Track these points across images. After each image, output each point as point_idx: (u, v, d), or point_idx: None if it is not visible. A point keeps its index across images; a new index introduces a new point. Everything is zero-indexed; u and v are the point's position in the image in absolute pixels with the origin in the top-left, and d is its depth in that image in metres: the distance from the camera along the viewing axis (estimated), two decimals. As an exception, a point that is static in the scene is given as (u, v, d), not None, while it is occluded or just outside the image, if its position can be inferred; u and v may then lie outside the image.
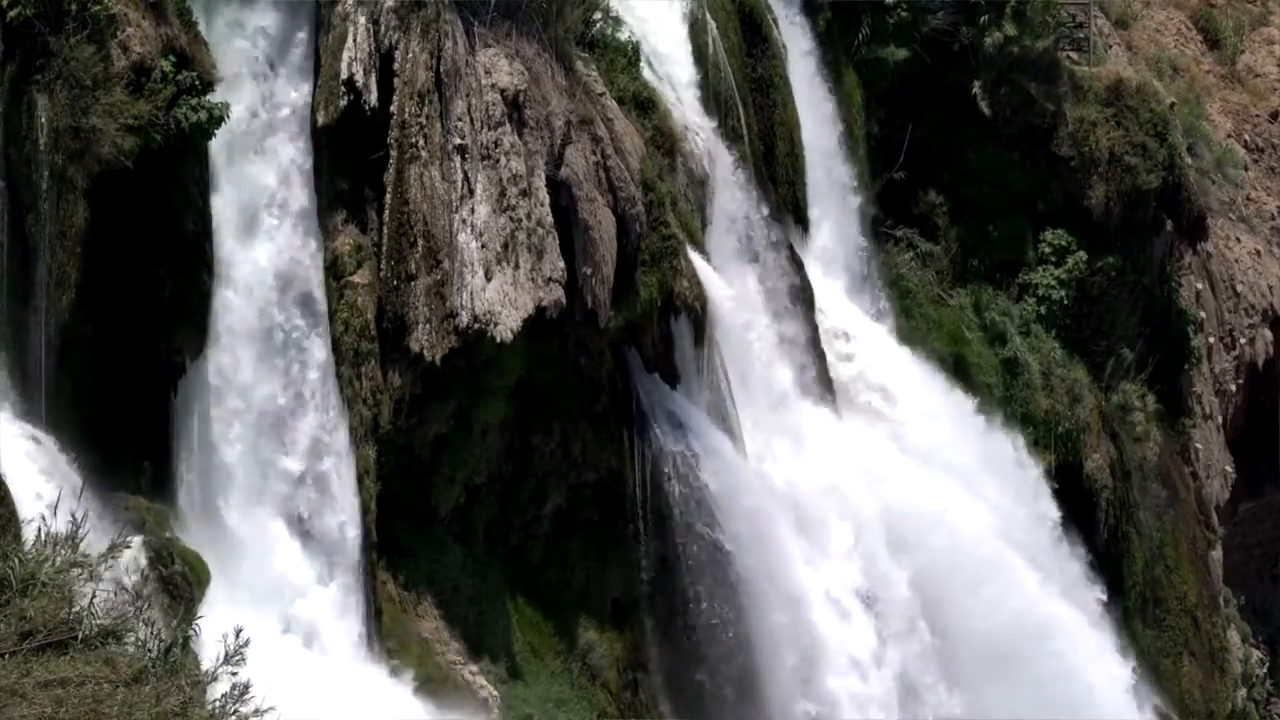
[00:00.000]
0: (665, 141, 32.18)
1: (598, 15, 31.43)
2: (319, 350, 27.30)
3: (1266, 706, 46.69)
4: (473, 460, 29.21)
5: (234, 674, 11.62)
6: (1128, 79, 42.24)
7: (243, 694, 11.67)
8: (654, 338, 30.98)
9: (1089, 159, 41.14)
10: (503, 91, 28.33)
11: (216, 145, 25.67)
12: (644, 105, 31.88)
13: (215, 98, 25.09)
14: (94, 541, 13.53)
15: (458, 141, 27.91)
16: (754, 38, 35.88)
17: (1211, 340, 45.41)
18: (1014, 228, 41.14)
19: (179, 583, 23.70)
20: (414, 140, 27.64)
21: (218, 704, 11.67)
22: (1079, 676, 36.45)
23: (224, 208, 26.28)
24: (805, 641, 31.96)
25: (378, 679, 27.10)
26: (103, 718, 10.96)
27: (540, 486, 30.23)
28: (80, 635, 11.88)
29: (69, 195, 23.79)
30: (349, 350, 27.52)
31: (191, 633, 13.26)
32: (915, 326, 38.89)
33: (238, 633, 11.76)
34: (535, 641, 29.86)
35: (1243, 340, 46.67)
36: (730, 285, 32.47)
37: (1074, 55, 42.62)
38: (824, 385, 35.25)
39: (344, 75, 27.29)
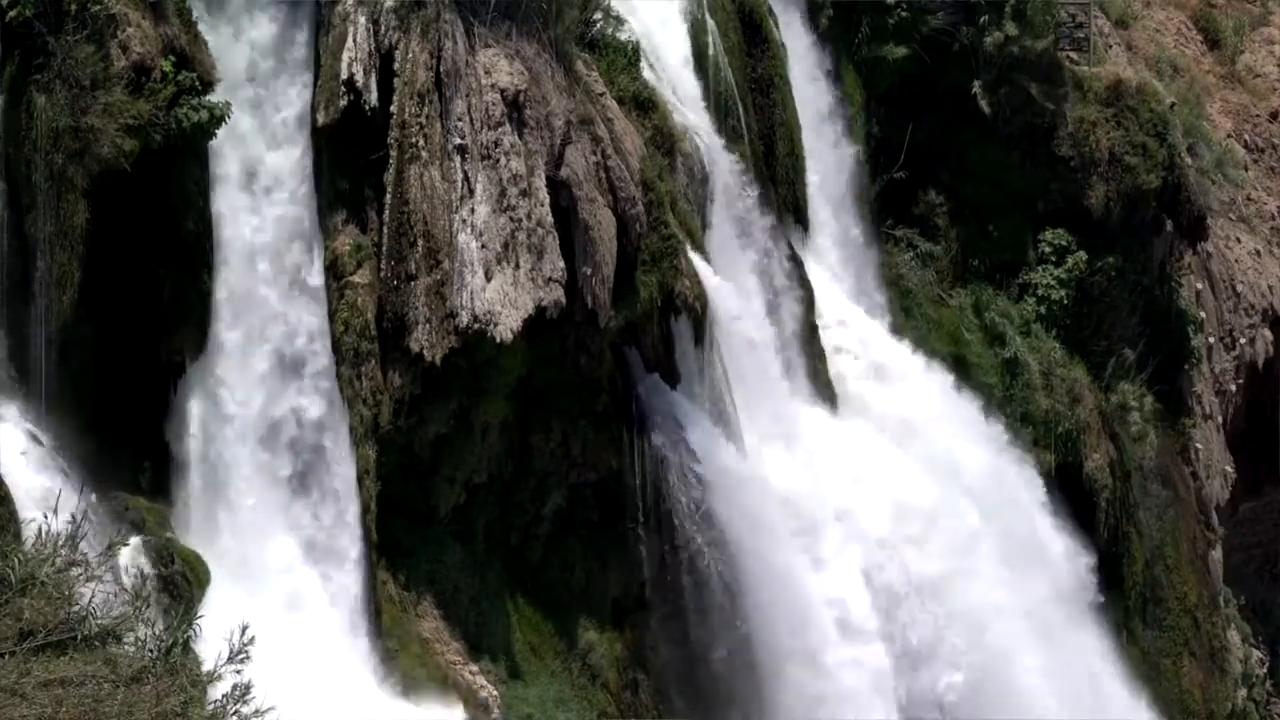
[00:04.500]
0: (665, 141, 32.17)
1: (598, 15, 31.42)
2: None
3: (1266, 706, 46.67)
4: (473, 460, 29.20)
5: (238, 671, 11.61)
6: (1128, 79, 42.21)
7: (244, 695, 11.65)
8: (654, 338, 30.96)
9: (1089, 159, 41.12)
10: (503, 91, 28.32)
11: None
12: (644, 105, 31.87)
13: (215, 97, 25.12)
14: (93, 541, 13.52)
15: (458, 141, 27.90)
16: (754, 38, 35.87)
17: (1211, 340, 45.40)
18: (1014, 228, 41.13)
19: (179, 583, 23.70)
20: (414, 140, 27.64)
21: (218, 704, 11.66)
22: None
23: None
24: (806, 640, 31.94)
25: (377, 679, 27.10)
26: (102, 717, 10.95)
27: (540, 486, 30.21)
28: (80, 635, 11.86)
29: (69, 195, 23.80)
30: (349, 350, 27.52)
31: (192, 633, 13.23)
32: (915, 326, 38.88)
33: (243, 630, 11.73)
34: (535, 641, 29.85)
35: (1243, 340, 46.65)
36: (730, 285, 32.46)
37: (1074, 55, 42.59)
38: (823, 385, 35.26)
39: (344, 75, 27.29)
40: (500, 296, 27.73)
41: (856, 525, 33.55)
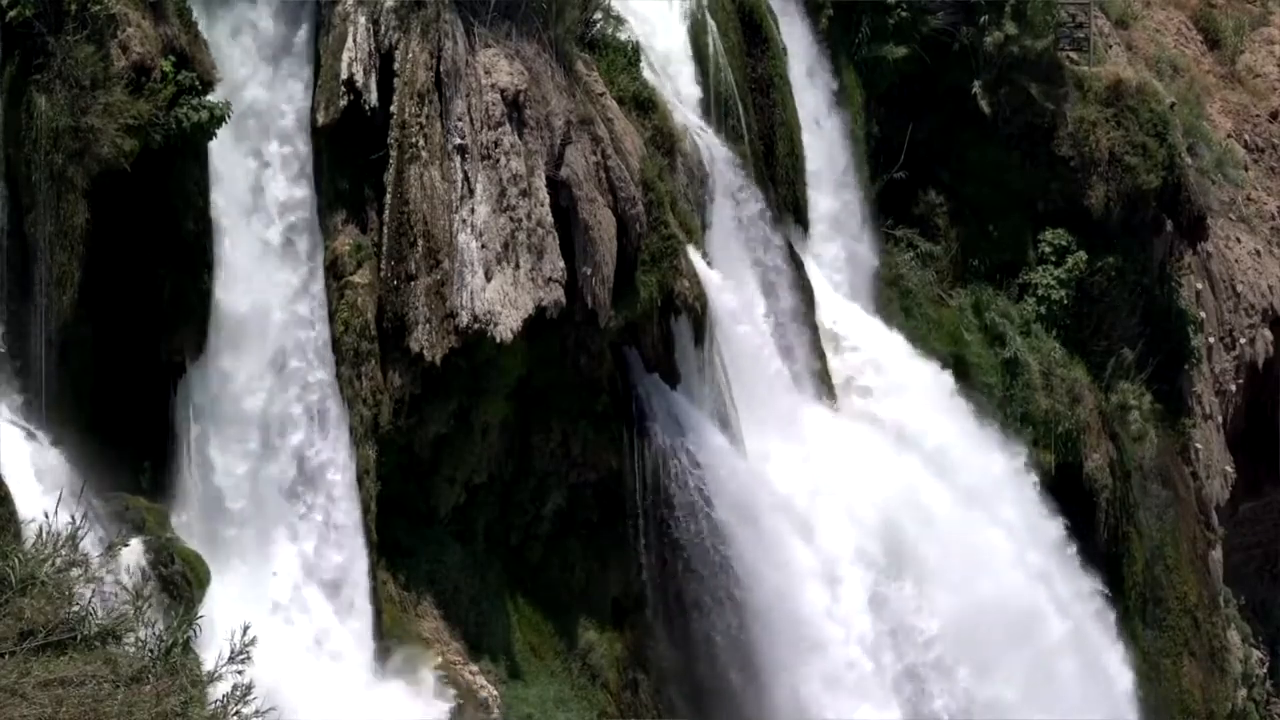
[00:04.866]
0: (665, 141, 32.17)
1: (598, 15, 31.42)
2: None
3: (1266, 706, 46.67)
4: (473, 460, 29.20)
5: (239, 673, 11.59)
6: (1128, 79, 42.22)
7: (245, 695, 11.64)
8: (654, 338, 30.96)
9: (1089, 159, 41.13)
10: (503, 91, 28.32)
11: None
12: (644, 105, 31.87)
13: (215, 97, 25.09)
14: (94, 541, 13.51)
15: (458, 141, 27.90)
16: (754, 38, 35.88)
17: (1211, 340, 45.40)
18: (1014, 228, 41.14)
19: (179, 583, 23.69)
20: (414, 140, 27.64)
21: (219, 704, 11.65)
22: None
23: None
24: (805, 641, 31.93)
25: (378, 679, 27.09)
26: (102, 717, 10.94)
27: (540, 486, 30.22)
28: (80, 635, 11.86)
29: (69, 195, 23.78)
30: (349, 350, 27.52)
31: (192, 633, 13.22)
32: (915, 326, 38.86)
33: (244, 630, 11.72)
34: (535, 641, 29.85)
35: (1243, 340, 46.65)
36: (730, 285, 32.45)
37: (1074, 55, 42.60)
38: (824, 385, 35.25)
39: (344, 75, 27.28)
40: (500, 296, 27.73)
41: (856, 524, 33.50)
